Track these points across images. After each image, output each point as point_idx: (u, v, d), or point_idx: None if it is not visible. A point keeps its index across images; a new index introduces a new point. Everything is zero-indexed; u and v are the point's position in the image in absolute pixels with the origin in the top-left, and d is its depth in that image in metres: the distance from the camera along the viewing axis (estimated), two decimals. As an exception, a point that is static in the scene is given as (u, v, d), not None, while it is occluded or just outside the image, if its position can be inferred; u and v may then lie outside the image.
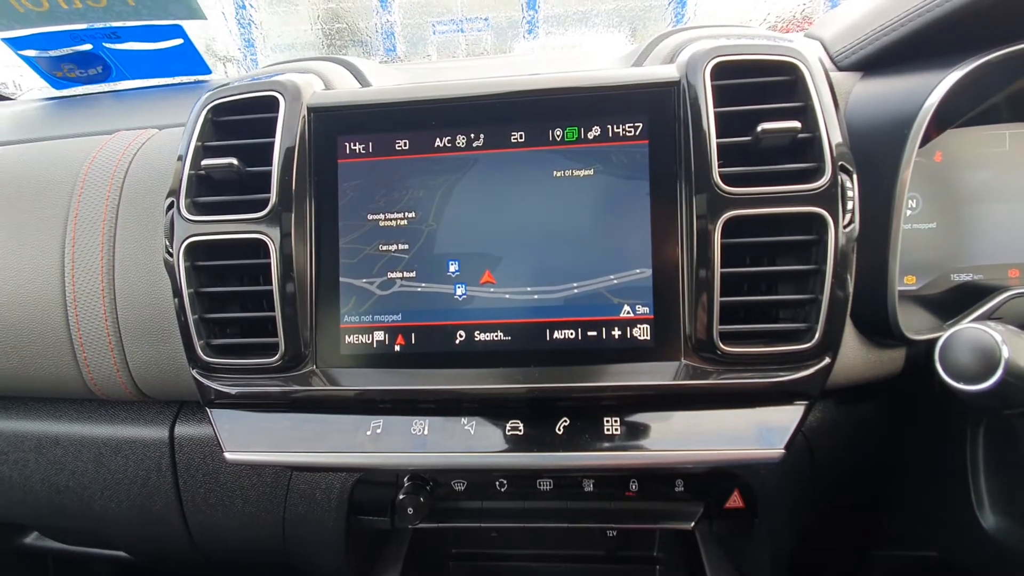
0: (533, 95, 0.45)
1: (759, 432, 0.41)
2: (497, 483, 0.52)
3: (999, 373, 0.30)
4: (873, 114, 0.46)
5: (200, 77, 1.03)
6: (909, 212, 0.61)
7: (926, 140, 0.57)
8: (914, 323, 0.50)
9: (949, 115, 0.54)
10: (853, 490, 0.58)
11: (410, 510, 0.50)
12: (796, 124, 0.41)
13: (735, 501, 0.52)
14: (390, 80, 0.58)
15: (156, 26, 0.97)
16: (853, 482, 0.58)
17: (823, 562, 0.69)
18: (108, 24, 0.95)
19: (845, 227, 0.40)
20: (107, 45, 0.99)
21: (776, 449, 0.40)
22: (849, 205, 0.41)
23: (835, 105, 0.43)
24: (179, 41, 0.99)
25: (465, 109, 0.46)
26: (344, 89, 0.50)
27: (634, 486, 0.51)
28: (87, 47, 0.98)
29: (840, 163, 0.41)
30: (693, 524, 0.51)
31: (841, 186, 0.40)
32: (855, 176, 0.41)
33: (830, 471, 0.53)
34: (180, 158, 0.47)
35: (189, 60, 1.01)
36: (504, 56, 0.87)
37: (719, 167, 0.41)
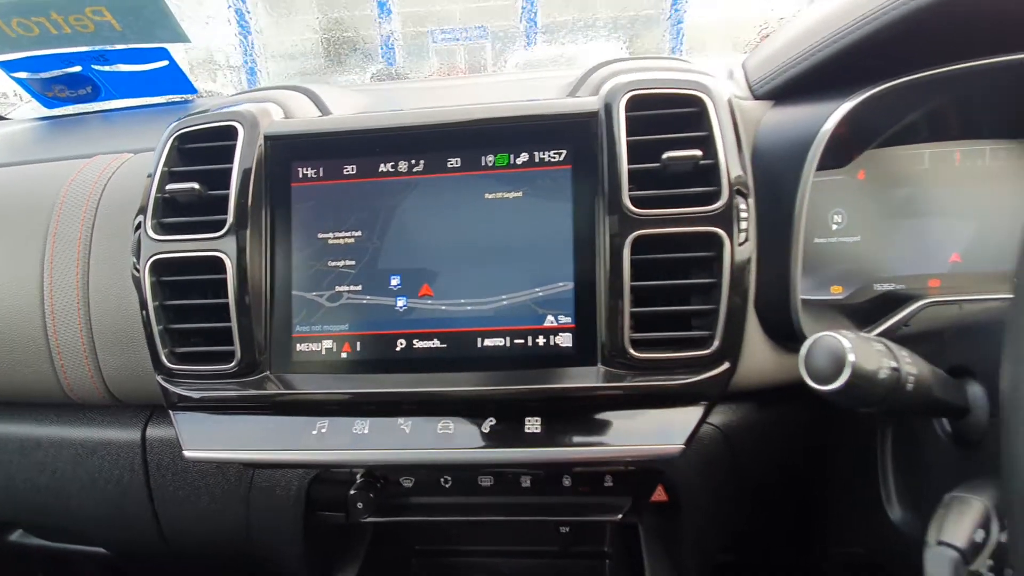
0: (465, 126, 0.49)
1: (663, 430, 0.45)
2: (442, 480, 0.56)
3: (845, 375, 0.34)
4: (778, 140, 0.51)
5: (186, 96, 1.08)
6: (835, 227, 0.65)
7: (848, 159, 0.62)
8: (827, 330, 0.54)
9: (862, 137, 0.59)
10: (780, 490, 0.62)
11: (359, 504, 0.54)
12: (697, 152, 0.45)
13: (660, 495, 0.56)
14: (350, 106, 0.63)
15: (142, 49, 1.02)
16: (779, 482, 0.62)
17: (758, 561, 0.72)
18: (96, 47, 1.00)
19: (740, 244, 0.45)
20: (95, 67, 1.04)
21: (676, 445, 0.44)
22: (743, 225, 0.45)
23: (736, 133, 0.47)
24: (164, 63, 1.03)
25: (406, 138, 0.50)
26: (299, 118, 0.55)
27: (567, 482, 0.55)
28: (76, 69, 1.03)
29: (736, 187, 0.45)
30: (621, 516, 0.55)
31: (737, 208, 0.45)
32: (750, 199, 0.46)
33: (754, 471, 0.57)
34: (148, 182, 0.52)
35: (175, 80, 1.06)
36: (463, 79, 0.92)
37: (630, 191, 0.46)
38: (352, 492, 0.54)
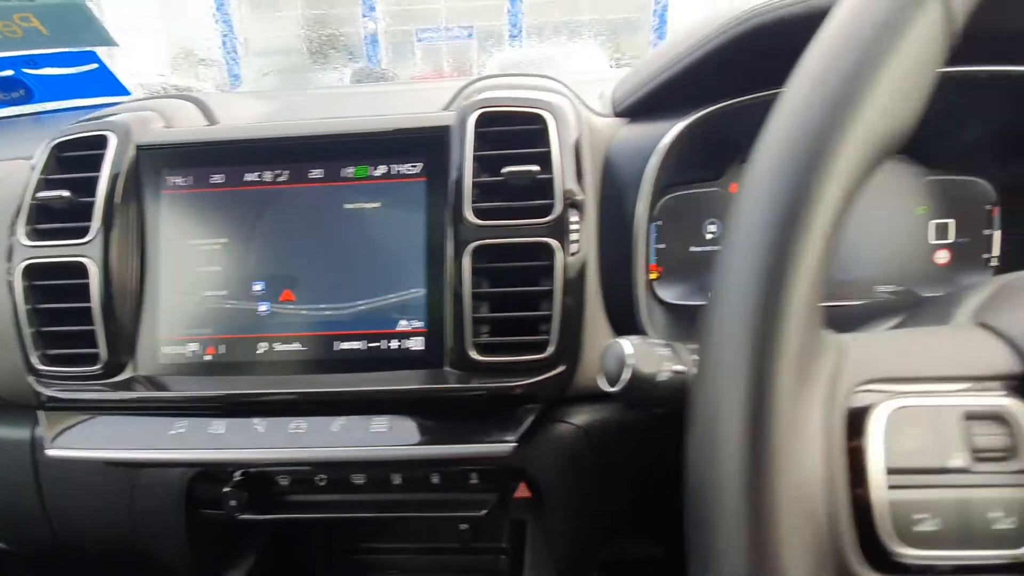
0: (325, 139, 0.52)
1: (499, 430, 0.48)
2: (316, 479, 0.58)
3: (626, 377, 0.37)
4: (626, 155, 0.54)
5: (119, 99, 1.09)
6: (710, 236, 0.68)
7: (720, 173, 0.65)
8: (687, 334, 0.57)
9: (726, 151, 0.62)
10: (654, 487, 0.65)
11: (233, 502, 0.56)
12: (534, 168, 0.48)
13: (523, 491, 0.58)
14: (242, 114, 0.65)
15: (70, 53, 1.03)
16: (653, 480, 0.64)
17: (629, 558, 0.75)
18: (26, 52, 1.02)
19: (572, 254, 0.48)
20: (26, 71, 1.05)
21: (509, 444, 0.47)
22: (574, 236, 0.48)
23: (577, 150, 0.50)
24: (94, 66, 1.05)
25: (270, 149, 0.53)
26: (176, 128, 0.57)
27: (435, 479, 0.57)
28: (8, 73, 1.04)
29: (569, 201, 0.48)
30: (485, 511, 0.58)
31: (567, 220, 0.48)
32: (586, 211, 0.49)
33: (619, 469, 0.60)
34: (24, 189, 0.53)
35: (105, 83, 1.07)
36: (348, 89, 0.95)
37: (475, 203, 0.49)
38: (226, 490, 0.56)
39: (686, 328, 0.64)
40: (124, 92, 1.10)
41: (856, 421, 0.24)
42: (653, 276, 0.67)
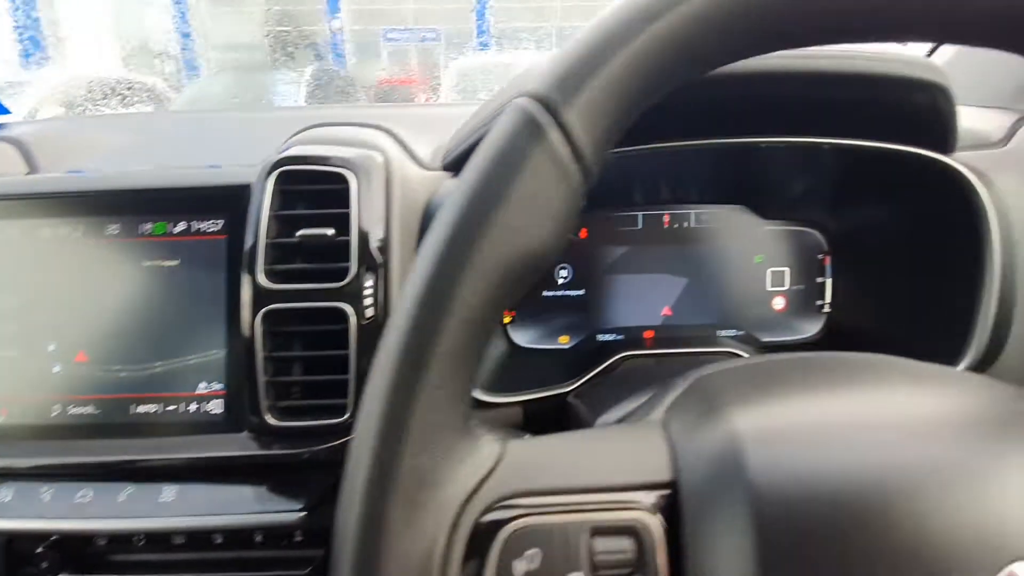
0: (122, 194, 0.50)
1: (293, 496, 0.47)
2: (134, 538, 0.56)
3: None
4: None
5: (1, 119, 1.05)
6: (561, 281, 0.68)
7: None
8: (533, 379, 0.58)
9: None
10: None
11: (44, 564, 0.54)
12: (327, 231, 0.47)
13: None
14: (71, 152, 0.63)
15: (-62, 72, 0.98)
16: None
17: None
18: None
19: (367, 319, 0.47)
20: None
21: (296, 513, 0.46)
22: (368, 301, 0.47)
23: (387, 209, 0.49)
24: (-32, 85, 1.00)
25: (67, 203, 0.51)
26: None
27: (259, 537, 0.56)
28: None
29: (366, 264, 0.47)
30: (311, 568, 0.57)
31: (363, 284, 0.47)
32: (380, 274, 0.48)
33: None
34: None
35: (-18, 102, 1.02)
36: (221, 114, 0.92)
37: (271, 264, 0.47)
38: (38, 551, 0.54)
39: (540, 372, 0.64)
40: (3, 111, 1.05)
41: (481, 543, 0.24)
42: (507, 320, 0.67)
